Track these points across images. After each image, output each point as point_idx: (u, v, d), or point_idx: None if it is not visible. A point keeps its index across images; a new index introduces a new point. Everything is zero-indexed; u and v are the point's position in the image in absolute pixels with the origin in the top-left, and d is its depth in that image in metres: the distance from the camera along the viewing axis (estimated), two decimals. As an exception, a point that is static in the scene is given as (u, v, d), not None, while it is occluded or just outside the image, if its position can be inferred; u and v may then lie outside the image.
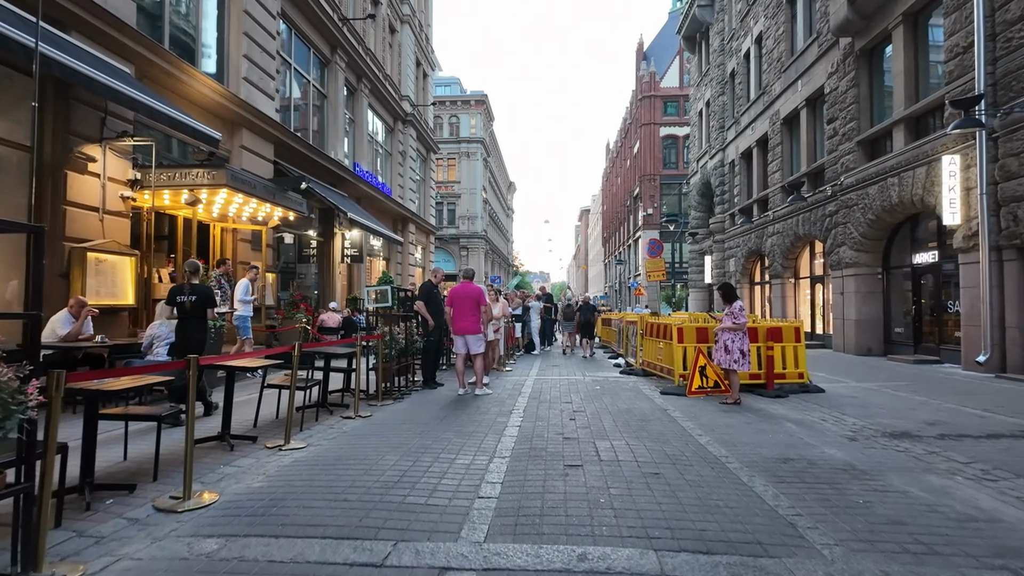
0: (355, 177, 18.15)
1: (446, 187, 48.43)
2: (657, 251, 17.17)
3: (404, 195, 24.36)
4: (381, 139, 22.69)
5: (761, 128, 21.48)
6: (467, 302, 7.98)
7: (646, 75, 49.55)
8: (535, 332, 16.21)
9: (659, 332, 9.72)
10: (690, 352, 8.59)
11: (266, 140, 12.81)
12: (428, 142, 28.19)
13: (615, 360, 13.57)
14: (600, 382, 9.65)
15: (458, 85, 53.84)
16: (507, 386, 9.09)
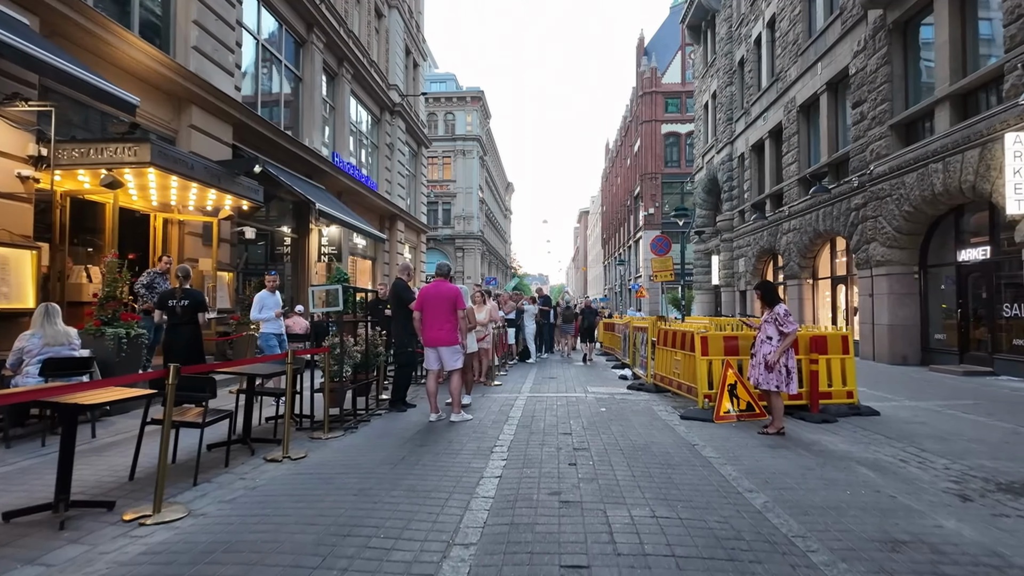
0: (335, 169, 16.58)
1: (441, 186, 46.86)
2: (664, 248, 15.58)
3: (392, 191, 22.80)
4: (366, 130, 21.13)
5: (774, 117, 19.95)
6: (440, 306, 6.39)
7: (647, 71, 48.07)
8: (530, 338, 14.63)
9: (676, 341, 8.14)
10: (716, 367, 7.02)
11: (223, 121, 11.24)
12: (419, 136, 26.64)
13: (620, 371, 12.00)
14: (605, 401, 8.07)
15: (454, 82, 52.31)
16: (492, 408, 7.50)
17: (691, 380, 7.41)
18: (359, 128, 20.19)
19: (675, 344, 8.17)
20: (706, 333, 7.12)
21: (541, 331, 15.98)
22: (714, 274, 26.63)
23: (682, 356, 7.85)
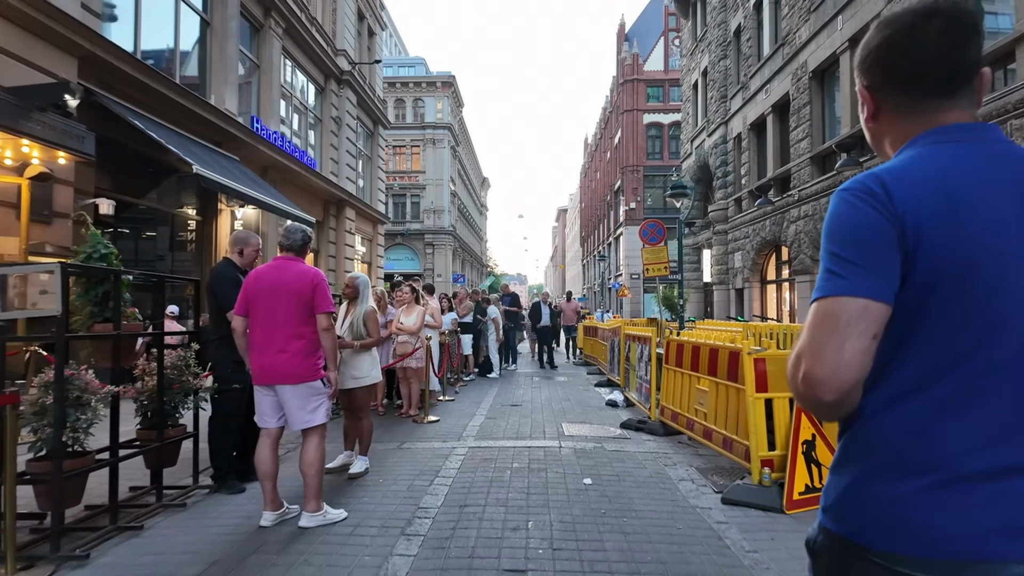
0: (255, 138, 13.40)
1: (410, 177, 43.65)
2: (658, 236, 12.74)
3: (339, 172, 19.63)
4: (306, 99, 17.95)
5: (779, 88, 17.30)
6: (280, 306, 3.40)
7: (628, 57, 45.46)
8: (493, 348, 11.66)
9: (699, 362, 5.22)
10: (781, 411, 4.13)
11: (55, 47, 8.04)
12: (375, 113, 23.49)
13: (606, 391, 9.10)
14: (590, 456, 5.15)
15: (423, 66, 49.13)
16: (403, 477, 4.52)
17: (731, 428, 4.51)
18: (293, 93, 17.00)
19: (697, 366, 5.26)
20: (763, 352, 4.20)
21: (507, 338, 13.03)
22: (705, 271, 23.99)
23: (710, 386, 4.95)
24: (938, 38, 1.01)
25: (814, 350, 0.94)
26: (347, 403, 4.56)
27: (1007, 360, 0.93)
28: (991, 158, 0.99)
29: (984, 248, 0.92)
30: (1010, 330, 0.93)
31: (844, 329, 0.92)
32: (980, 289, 0.92)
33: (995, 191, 0.95)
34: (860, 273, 0.94)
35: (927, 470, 0.93)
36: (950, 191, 0.94)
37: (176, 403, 3.98)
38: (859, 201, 0.97)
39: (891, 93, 1.08)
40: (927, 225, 0.93)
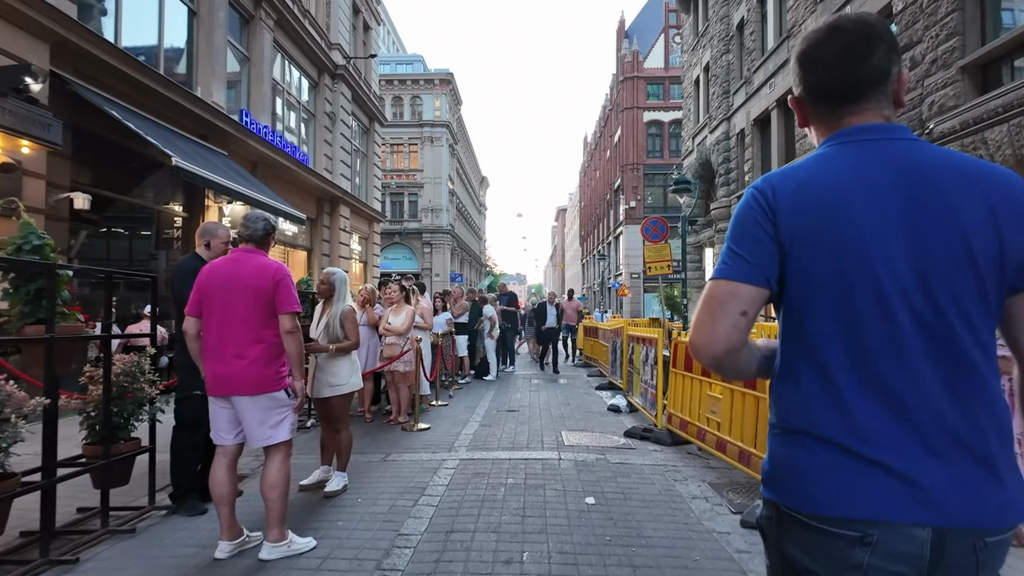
0: (244, 132, 12.95)
1: (407, 175, 43.19)
2: (660, 234, 12.30)
3: (333, 168, 19.18)
4: (299, 94, 17.51)
5: (785, 83, 16.84)
6: (237, 305, 2.96)
7: (628, 54, 45.02)
8: (491, 349, 11.21)
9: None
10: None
11: (24, 31, 7.60)
12: (371, 109, 23.02)
13: (607, 394, 8.66)
14: (592, 469, 4.71)
15: (421, 63, 48.62)
16: (386, 494, 4.07)
17: (749, 440, 4.08)
18: (286, 88, 16.55)
19: (706, 371, 4.82)
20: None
21: (504, 338, 12.59)
22: (707, 270, 23.55)
23: (724, 393, 4.51)
24: (840, 51, 1.12)
25: (696, 323, 1.11)
26: (323, 413, 4.12)
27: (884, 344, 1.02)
28: (880, 158, 1.08)
29: (852, 245, 1.03)
30: (879, 319, 1.03)
31: (717, 307, 1.08)
32: (847, 283, 1.03)
33: (874, 191, 1.05)
34: (738, 261, 1.09)
35: (834, 441, 1.04)
36: (829, 192, 1.06)
37: (128, 414, 3.53)
38: (752, 200, 1.12)
39: (808, 103, 1.20)
40: (801, 225, 1.06)
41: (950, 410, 1.01)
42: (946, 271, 1.02)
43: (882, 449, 1.01)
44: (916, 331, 1.02)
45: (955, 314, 1.02)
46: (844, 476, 1.02)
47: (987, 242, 1.01)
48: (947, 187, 1.04)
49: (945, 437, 1.01)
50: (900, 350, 1.02)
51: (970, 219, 1.02)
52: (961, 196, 1.03)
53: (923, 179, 1.05)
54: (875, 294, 1.03)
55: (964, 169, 1.06)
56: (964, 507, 0.99)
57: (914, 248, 1.02)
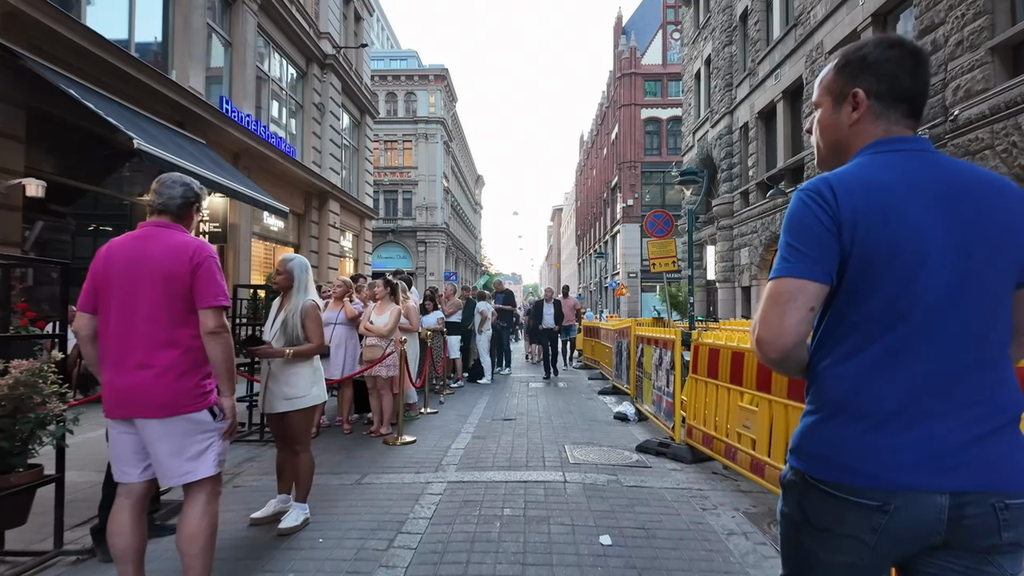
0: (224, 120, 12.19)
1: (402, 173, 42.39)
2: (665, 228, 11.60)
3: (322, 162, 18.41)
4: (286, 84, 16.74)
5: (791, 73, 16.20)
6: (143, 296, 2.21)
7: (626, 50, 44.35)
8: (484, 350, 10.47)
9: (747, 374, 4.07)
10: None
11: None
12: (362, 102, 22.25)
13: (611, 400, 7.95)
14: (604, 494, 4.00)
15: (416, 59, 47.84)
16: (355, 534, 3.33)
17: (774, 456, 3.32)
18: (272, 77, 15.77)
19: (740, 378, 4.11)
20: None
21: (500, 339, 11.85)
22: (709, 268, 22.92)
23: (761, 405, 3.80)
24: (923, 73, 1.29)
25: (763, 319, 1.20)
26: (279, 432, 3.39)
27: (924, 328, 1.15)
28: (920, 165, 1.22)
29: (906, 241, 1.15)
30: (925, 305, 1.15)
31: (786, 303, 1.17)
32: (901, 274, 1.15)
33: (919, 192, 1.18)
34: (803, 259, 1.18)
35: (865, 416, 1.15)
36: (883, 194, 1.18)
37: (27, 435, 2.79)
38: (811, 201, 1.21)
39: (884, 103, 1.28)
40: (862, 223, 1.16)
41: (976, 383, 1.14)
42: (980, 266, 1.16)
43: (909, 422, 1.12)
44: (953, 318, 1.15)
45: (986, 304, 1.17)
46: (868, 448, 1.13)
47: (1012, 243, 1.18)
48: (979, 193, 1.19)
49: (972, 408, 1.13)
50: (937, 335, 1.14)
51: (998, 225, 1.18)
52: (991, 202, 1.19)
53: (958, 185, 1.20)
54: (921, 286, 1.15)
55: (988, 179, 1.23)
56: (984, 472, 1.10)
57: (957, 247, 1.16)
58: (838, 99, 1.32)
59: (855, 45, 1.34)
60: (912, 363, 1.13)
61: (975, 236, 1.16)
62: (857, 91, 1.28)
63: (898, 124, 1.27)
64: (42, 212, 8.58)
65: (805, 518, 1.21)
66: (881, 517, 1.10)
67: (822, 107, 1.37)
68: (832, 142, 1.36)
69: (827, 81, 1.35)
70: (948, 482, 1.08)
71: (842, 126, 1.32)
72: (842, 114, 1.31)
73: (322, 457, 4.91)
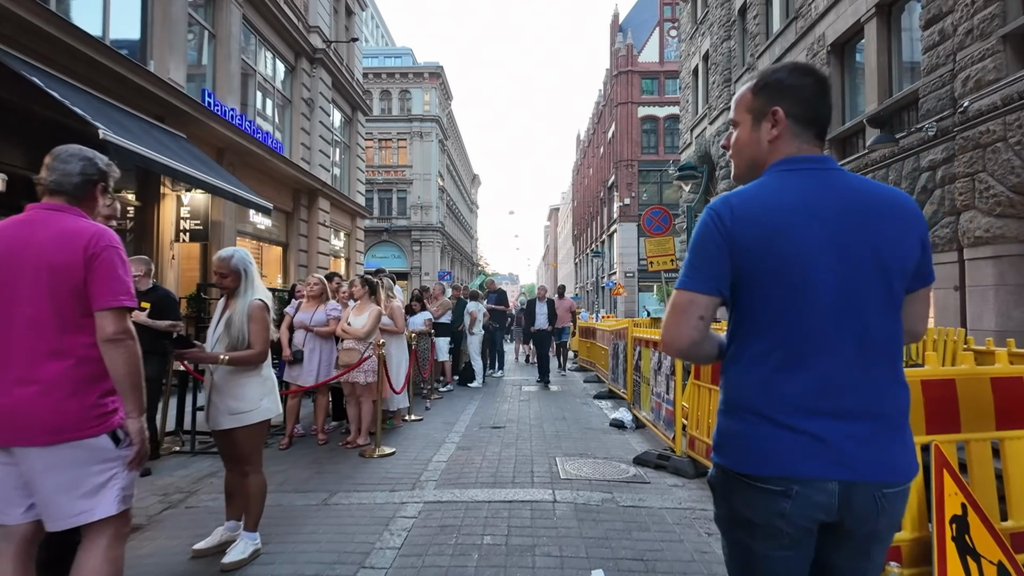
0: (206, 114, 11.74)
1: (396, 171, 41.96)
2: (663, 225, 11.21)
3: (311, 159, 17.97)
4: (273, 78, 16.29)
5: (792, 67, 15.78)
6: (22, 295, 1.77)
7: (623, 48, 43.99)
8: (475, 352, 10.05)
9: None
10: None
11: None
12: (354, 98, 21.80)
13: (612, 410, 7.54)
14: (598, 515, 3.59)
15: (410, 56, 47.39)
16: (310, 570, 2.90)
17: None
18: (259, 71, 15.32)
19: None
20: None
21: (493, 340, 11.44)
22: (707, 267, 22.47)
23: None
24: (829, 100, 1.43)
25: (665, 325, 1.36)
26: (226, 450, 2.97)
27: (818, 338, 1.27)
28: (820, 184, 1.33)
29: (797, 259, 1.26)
30: (817, 317, 1.27)
31: (681, 312, 1.32)
32: (793, 289, 1.27)
33: (814, 213, 1.29)
34: (697, 275, 1.32)
35: (770, 417, 1.28)
36: (778, 215, 1.29)
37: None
38: (711, 222, 1.32)
39: (800, 124, 1.38)
40: (754, 244, 1.27)
41: (863, 386, 1.27)
42: (868, 279, 1.28)
43: (806, 420, 1.25)
44: (844, 328, 1.27)
45: (876, 313, 1.29)
46: (773, 443, 1.27)
47: (900, 256, 1.31)
48: (870, 210, 1.31)
49: (858, 408, 1.26)
50: (830, 344, 1.27)
51: (888, 236, 1.30)
52: (882, 218, 1.30)
53: (852, 203, 1.31)
54: (813, 300, 1.27)
55: (882, 195, 1.34)
56: (867, 465, 1.25)
57: (848, 262, 1.27)
58: (758, 117, 1.41)
59: (771, 69, 1.46)
60: (809, 370, 1.26)
61: (866, 251, 1.27)
62: (777, 110, 1.37)
63: (810, 143, 1.38)
64: (5, 208, 8.15)
65: (732, 513, 1.34)
66: (786, 502, 1.23)
67: (741, 125, 1.46)
68: (750, 158, 1.44)
69: (747, 101, 1.44)
70: (839, 472, 1.23)
71: (761, 143, 1.41)
72: (761, 131, 1.40)
73: (289, 472, 4.48)
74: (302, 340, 5.54)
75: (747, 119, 1.43)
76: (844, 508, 1.24)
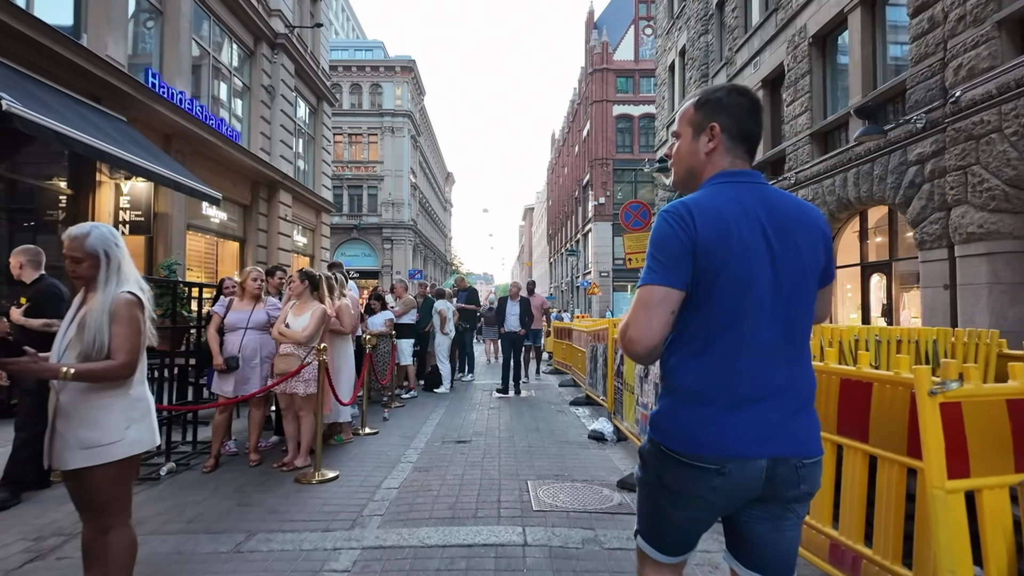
0: (151, 96, 10.74)
1: (367, 168, 40.82)
2: (642, 220, 10.61)
3: (272, 149, 16.97)
4: (228, 61, 15.27)
5: (772, 60, 15.41)
6: None
7: (597, 45, 43.57)
8: (443, 354, 9.28)
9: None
10: (995, 511, 1.91)
11: None
12: (319, 87, 20.80)
13: (591, 420, 6.87)
14: (577, 561, 2.91)
15: (381, 50, 46.26)
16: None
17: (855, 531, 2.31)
18: (212, 53, 14.29)
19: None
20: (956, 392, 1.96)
21: (463, 342, 10.70)
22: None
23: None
24: (760, 120, 1.56)
25: (634, 321, 1.42)
26: (79, 497, 2.18)
27: (751, 333, 1.41)
28: (750, 195, 1.47)
29: (738, 261, 1.40)
30: (751, 314, 1.41)
31: (654, 308, 1.41)
32: (733, 288, 1.40)
33: (749, 220, 1.43)
34: (667, 271, 1.42)
35: (708, 404, 1.41)
36: (724, 221, 1.42)
37: None
38: (673, 222, 1.44)
39: (733, 140, 1.53)
40: (709, 245, 1.40)
41: (789, 373, 1.43)
42: (793, 279, 1.44)
43: (741, 405, 1.39)
44: (773, 325, 1.42)
45: (795, 307, 1.44)
46: (711, 426, 1.39)
47: (815, 259, 1.48)
48: (791, 220, 1.47)
49: (785, 393, 1.42)
50: (761, 339, 1.40)
51: (805, 243, 1.46)
52: (800, 227, 1.47)
53: (778, 213, 1.46)
54: (749, 293, 1.40)
55: (798, 207, 1.53)
56: (791, 442, 1.41)
57: (775, 265, 1.42)
58: (697, 131, 1.57)
59: (711, 88, 1.60)
60: (745, 359, 1.41)
61: (789, 255, 1.44)
62: (714, 125, 1.53)
63: (741, 159, 1.54)
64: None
65: (661, 483, 1.49)
66: (719, 478, 1.38)
67: (683, 137, 1.62)
68: (688, 167, 1.60)
69: (689, 115, 1.59)
70: (767, 450, 1.39)
71: (699, 154, 1.57)
72: (700, 144, 1.56)
73: (206, 505, 3.70)
74: (237, 345, 4.75)
75: (688, 132, 1.57)
76: (769, 482, 1.38)
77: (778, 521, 1.44)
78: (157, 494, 3.94)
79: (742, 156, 1.52)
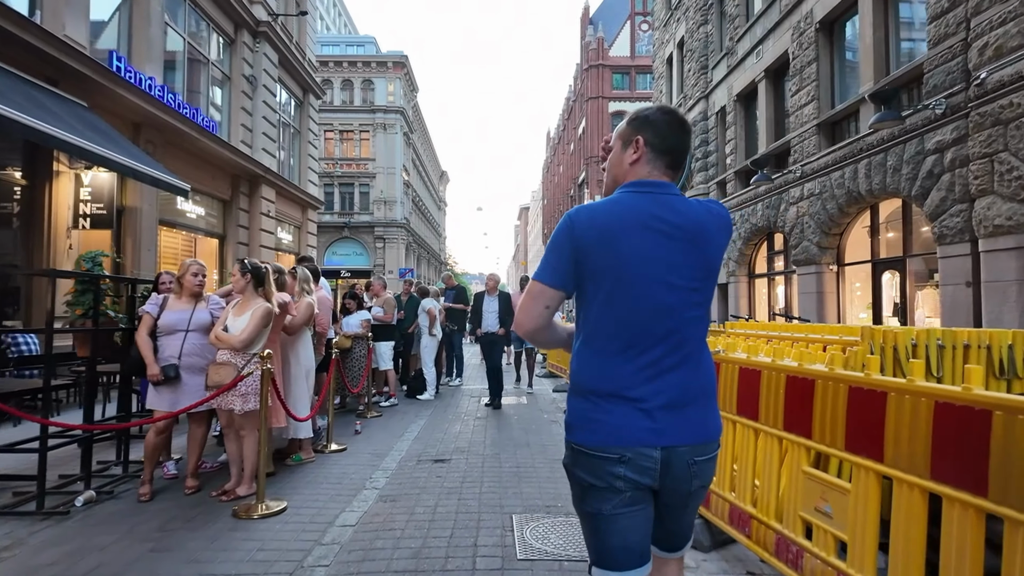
0: (116, 81, 9.98)
1: (358, 164, 40.00)
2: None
3: (254, 143, 16.21)
4: (208, 49, 14.49)
5: (775, 49, 14.76)
6: None
7: (593, 41, 42.94)
8: (429, 357, 8.54)
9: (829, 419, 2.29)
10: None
11: None
12: (305, 79, 20.02)
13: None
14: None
15: (373, 45, 45.39)
16: None
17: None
18: (188, 39, 13.50)
19: (800, 423, 2.34)
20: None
21: (450, 343, 9.97)
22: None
23: (863, 479, 2.02)
24: (685, 137, 1.65)
25: (521, 307, 1.58)
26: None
27: (644, 332, 1.49)
28: (653, 204, 1.52)
29: (628, 265, 1.48)
30: (645, 314, 1.49)
31: (534, 299, 1.56)
32: (624, 290, 1.49)
33: (646, 228, 1.49)
34: (549, 270, 1.55)
35: (607, 397, 1.49)
36: (616, 228, 1.49)
37: None
38: (565, 227, 1.55)
39: (655, 152, 1.61)
40: (594, 250, 1.50)
41: (682, 369, 1.50)
42: (689, 284, 1.51)
43: (636, 400, 1.47)
44: (665, 323, 1.49)
45: (691, 309, 1.52)
46: (609, 419, 1.47)
47: (717, 262, 1.58)
48: (692, 227, 1.51)
49: (677, 388, 1.48)
50: (653, 331, 1.49)
51: (710, 248, 1.54)
52: (699, 232, 1.51)
53: (680, 223, 1.50)
54: (640, 300, 1.48)
55: (699, 212, 1.54)
56: (682, 435, 1.48)
57: (670, 269, 1.49)
58: (625, 144, 1.65)
59: (643, 107, 1.70)
60: (639, 356, 1.48)
61: (687, 259, 1.50)
62: (639, 138, 1.62)
63: (661, 171, 1.61)
64: None
65: (581, 485, 1.53)
66: (621, 467, 1.46)
67: (614, 149, 1.70)
68: (614, 176, 1.68)
69: (621, 130, 1.70)
70: (659, 440, 1.46)
71: (624, 164, 1.65)
72: (626, 155, 1.64)
73: (113, 549, 2.98)
74: (177, 351, 4.03)
75: (619, 144, 1.68)
76: (665, 472, 1.48)
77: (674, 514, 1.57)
78: (61, 533, 3.22)
79: (662, 169, 1.59)
